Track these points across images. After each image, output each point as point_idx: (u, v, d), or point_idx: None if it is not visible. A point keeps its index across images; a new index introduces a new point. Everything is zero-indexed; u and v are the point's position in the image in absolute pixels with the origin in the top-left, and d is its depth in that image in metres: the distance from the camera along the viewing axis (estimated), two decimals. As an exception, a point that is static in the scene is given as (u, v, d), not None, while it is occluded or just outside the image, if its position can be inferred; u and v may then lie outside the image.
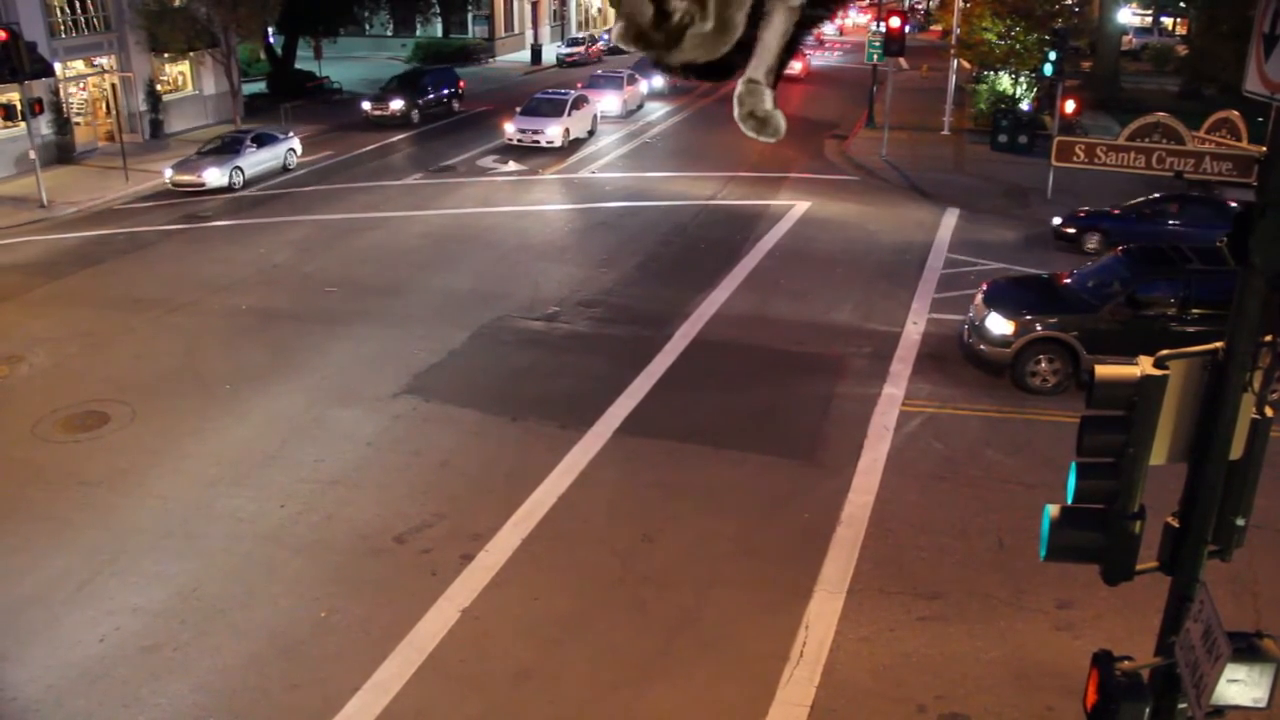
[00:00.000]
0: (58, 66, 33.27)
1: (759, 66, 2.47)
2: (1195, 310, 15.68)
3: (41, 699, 9.68)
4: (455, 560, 11.58)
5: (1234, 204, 22.13)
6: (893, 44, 33.68)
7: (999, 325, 16.17)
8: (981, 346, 16.35)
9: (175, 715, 9.49)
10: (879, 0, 47.59)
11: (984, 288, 17.44)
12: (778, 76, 2.50)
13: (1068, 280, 17.32)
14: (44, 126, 33.35)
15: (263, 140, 31.73)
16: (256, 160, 30.72)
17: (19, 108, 31.20)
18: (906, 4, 75.10)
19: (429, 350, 17.23)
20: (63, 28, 34.57)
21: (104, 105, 36.87)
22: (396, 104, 39.36)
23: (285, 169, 31.78)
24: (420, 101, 40.02)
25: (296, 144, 32.79)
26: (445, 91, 41.92)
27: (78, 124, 35.42)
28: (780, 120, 2.51)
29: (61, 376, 16.90)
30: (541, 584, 11.28)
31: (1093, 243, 22.93)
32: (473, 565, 11.49)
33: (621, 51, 63.72)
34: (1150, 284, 16.13)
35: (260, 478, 13.44)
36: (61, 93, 34.15)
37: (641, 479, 13.39)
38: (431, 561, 11.60)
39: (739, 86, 2.53)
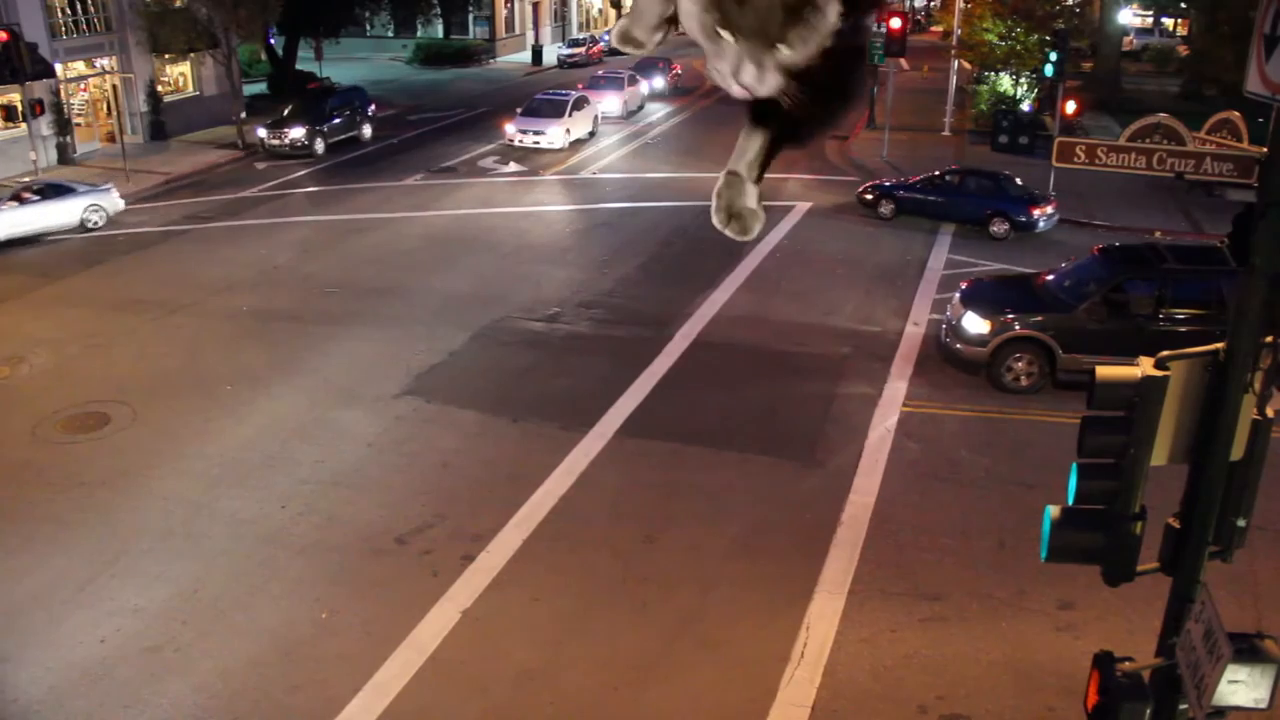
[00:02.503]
0: (58, 67, 33.27)
1: (740, 159, 2.13)
2: (1171, 309, 15.71)
3: (43, 700, 9.69)
4: (456, 561, 11.58)
5: (1017, 180, 25.67)
6: (893, 45, 33.65)
7: (975, 324, 16.23)
8: (958, 346, 16.41)
9: (176, 716, 9.50)
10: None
11: (962, 287, 17.52)
12: (763, 169, 2.14)
13: (1045, 280, 17.36)
14: (45, 127, 33.33)
15: (50, 193, 25.51)
16: (15, 221, 24.17)
17: (20, 109, 31.25)
18: (907, 5, 75.17)
19: (430, 351, 17.23)
20: (64, 29, 34.57)
21: (105, 106, 36.86)
22: (296, 132, 33.95)
23: (84, 228, 25.36)
24: (325, 128, 34.86)
25: (107, 199, 26.24)
26: (346, 117, 36.25)
27: (78, 125, 35.40)
28: (756, 222, 2.17)
29: (63, 377, 16.90)
30: (543, 585, 11.28)
31: (886, 209, 25.79)
32: (474, 566, 11.49)
33: (621, 52, 63.72)
34: (1126, 283, 16.16)
35: (261, 479, 13.44)
36: (62, 94, 34.13)
37: (643, 480, 13.40)
38: (432, 562, 11.60)
39: (719, 179, 2.19)
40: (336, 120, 35.56)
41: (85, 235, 25.23)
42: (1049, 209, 24.88)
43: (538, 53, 61.48)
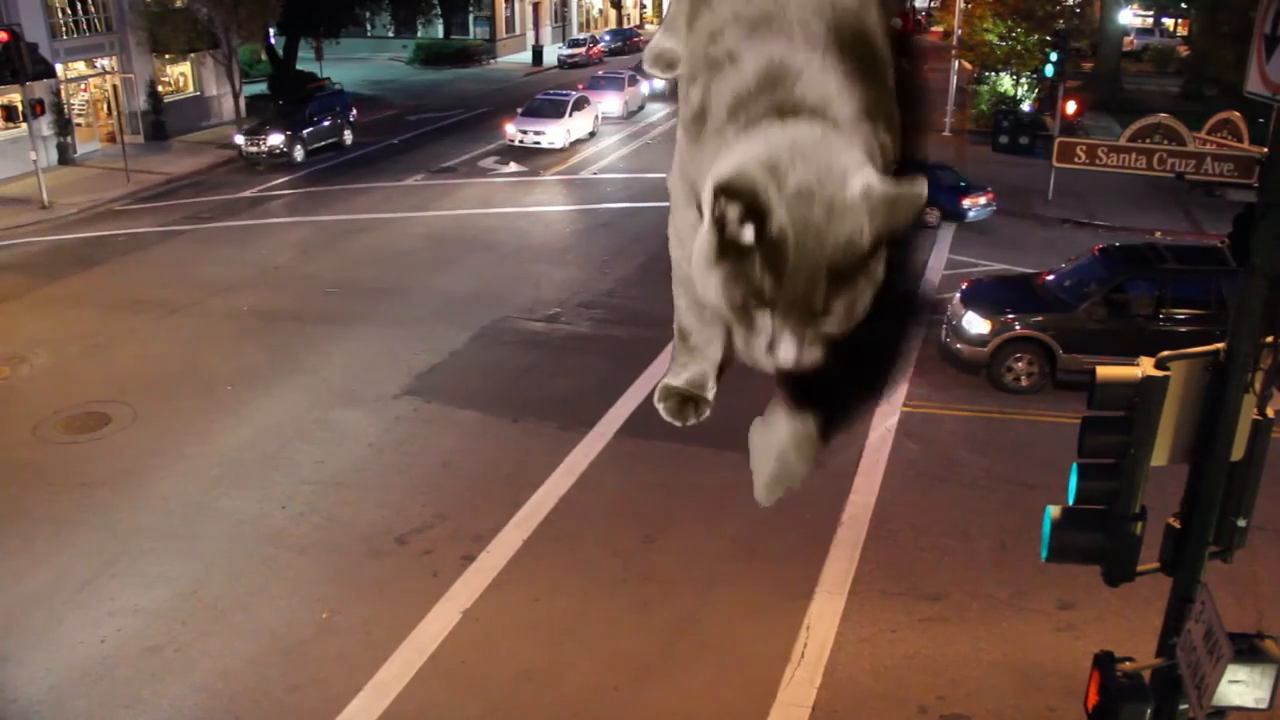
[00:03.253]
0: (59, 68, 33.29)
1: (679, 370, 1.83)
2: (1171, 309, 15.72)
3: (43, 700, 9.69)
4: (456, 561, 11.58)
5: (955, 171, 25.39)
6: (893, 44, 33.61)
7: (976, 324, 16.24)
8: (958, 345, 16.41)
9: (176, 716, 9.51)
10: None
11: (963, 287, 17.53)
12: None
13: (1046, 280, 17.37)
14: (45, 128, 33.33)
15: None
16: None
17: (20, 109, 31.23)
18: (908, 4, 75.06)
19: (430, 351, 17.23)
20: (64, 29, 34.59)
21: (105, 106, 36.88)
22: (274, 139, 32.67)
23: None
24: (305, 134, 33.45)
25: None
26: (329, 123, 35.03)
27: (79, 125, 35.41)
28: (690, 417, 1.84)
29: (63, 377, 16.89)
30: (543, 585, 11.29)
31: None
32: (474, 566, 11.49)
33: (622, 52, 63.91)
34: (1127, 283, 16.18)
35: (262, 479, 13.44)
36: (63, 94, 34.15)
37: (643, 480, 13.40)
38: (433, 563, 11.61)
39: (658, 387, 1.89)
40: (317, 126, 34.26)
41: (85, 236, 25.28)
42: (981, 200, 24.94)
43: (538, 53, 61.53)
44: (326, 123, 34.63)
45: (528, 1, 69.75)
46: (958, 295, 17.18)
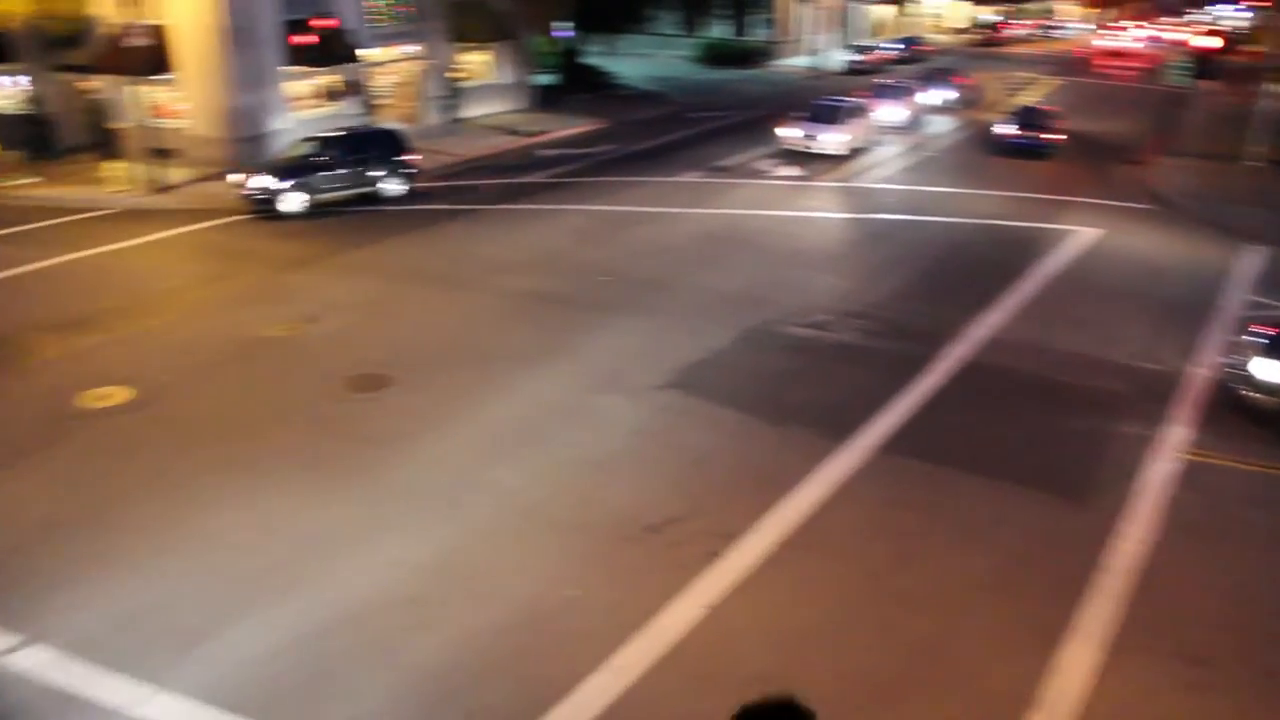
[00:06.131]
0: (370, 53, 35.64)
1: None
2: None
3: (309, 634, 10.37)
4: (704, 556, 11.64)
5: None
6: (1207, 66, 31.55)
7: (1273, 372, 14.99)
8: (1252, 393, 15.19)
9: (424, 666, 9.96)
10: (1177, 17, 44.67)
11: (1259, 330, 16.19)
12: None
13: None
14: (354, 107, 35.78)
15: None
16: None
17: (336, 90, 33.70)
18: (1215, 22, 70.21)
19: (695, 347, 17.42)
20: (377, 18, 36.92)
21: (407, 90, 39.18)
22: (261, 181, 26.87)
23: None
24: (310, 181, 27.20)
25: None
26: (350, 170, 28.03)
27: (382, 106, 37.77)
28: None
29: (350, 339, 18.09)
30: (788, 591, 11.19)
31: None
32: (721, 564, 11.51)
33: (907, 60, 62.69)
34: None
35: (524, 454, 13.93)
36: (371, 77, 36.52)
37: (899, 498, 13.08)
38: (681, 555, 11.71)
39: None
40: (333, 172, 27.81)
41: (380, 210, 26.94)
42: None
43: (820, 57, 61.13)
44: (349, 170, 28.13)
45: (812, 5, 69.37)
46: (1254, 338, 15.93)
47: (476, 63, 42.00)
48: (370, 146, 28.49)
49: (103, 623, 10.65)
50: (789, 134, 34.30)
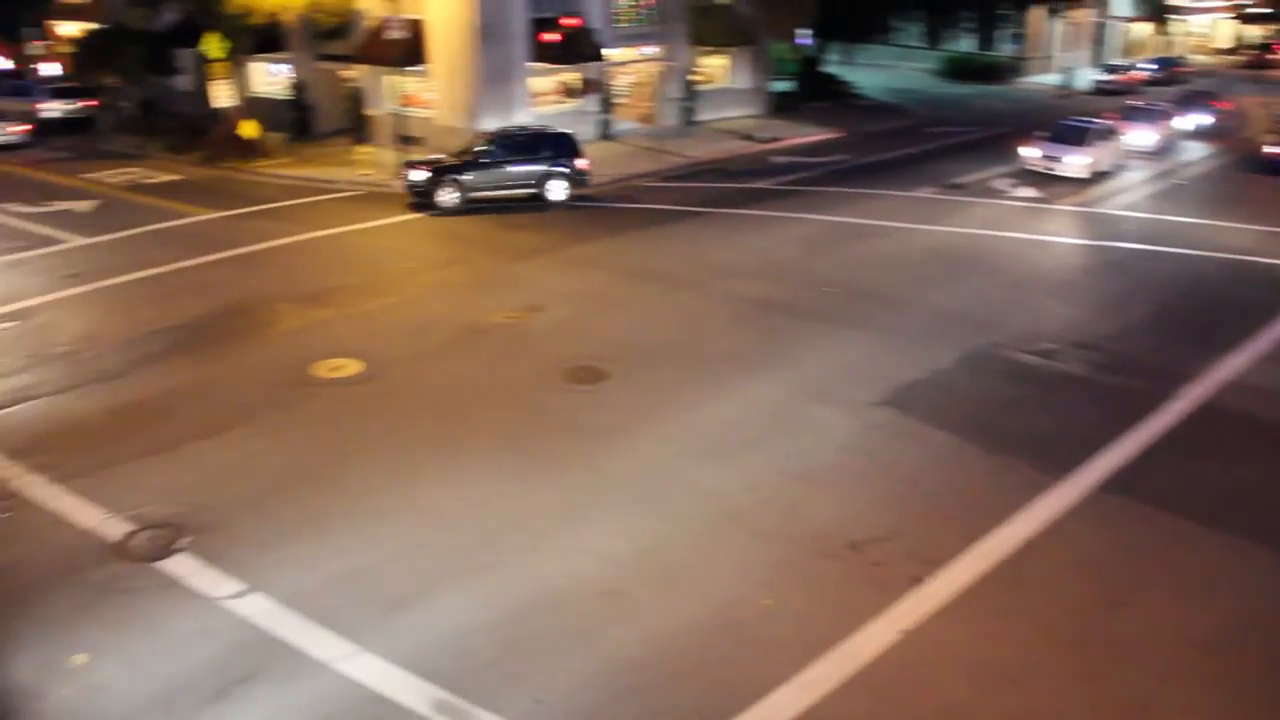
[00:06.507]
0: (612, 52, 36.42)
1: None
2: None
3: (507, 616, 10.70)
4: (905, 579, 11.39)
5: None
6: None
7: None
8: None
9: (614, 657, 10.12)
10: None
11: None
12: None
13: None
14: (592, 105, 36.64)
15: None
16: None
17: (575, 88, 34.62)
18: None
19: (914, 365, 17.04)
20: (620, 19, 37.70)
21: (644, 91, 39.85)
22: (417, 175, 28.09)
23: None
24: (467, 179, 27.94)
25: None
26: (514, 169, 28.46)
27: (620, 106, 38.54)
28: None
29: (571, 331, 18.59)
30: (989, 626, 10.81)
31: None
32: (922, 589, 11.24)
33: (1163, 82, 59.42)
34: None
35: (733, 458, 13.96)
36: (611, 77, 37.32)
37: (1117, 542, 12.41)
38: (881, 576, 11.49)
39: None
40: (492, 171, 28.40)
41: (609, 207, 27.50)
42: None
43: (1069, 75, 58.76)
44: (513, 169, 28.58)
45: (1064, 21, 66.68)
46: None
47: (715, 67, 42.31)
48: (541, 149, 28.73)
49: (316, 579, 11.32)
50: (1030, 154, 33.14)
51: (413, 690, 9.65)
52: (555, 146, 28.78)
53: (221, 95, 36.40)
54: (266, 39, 36.67)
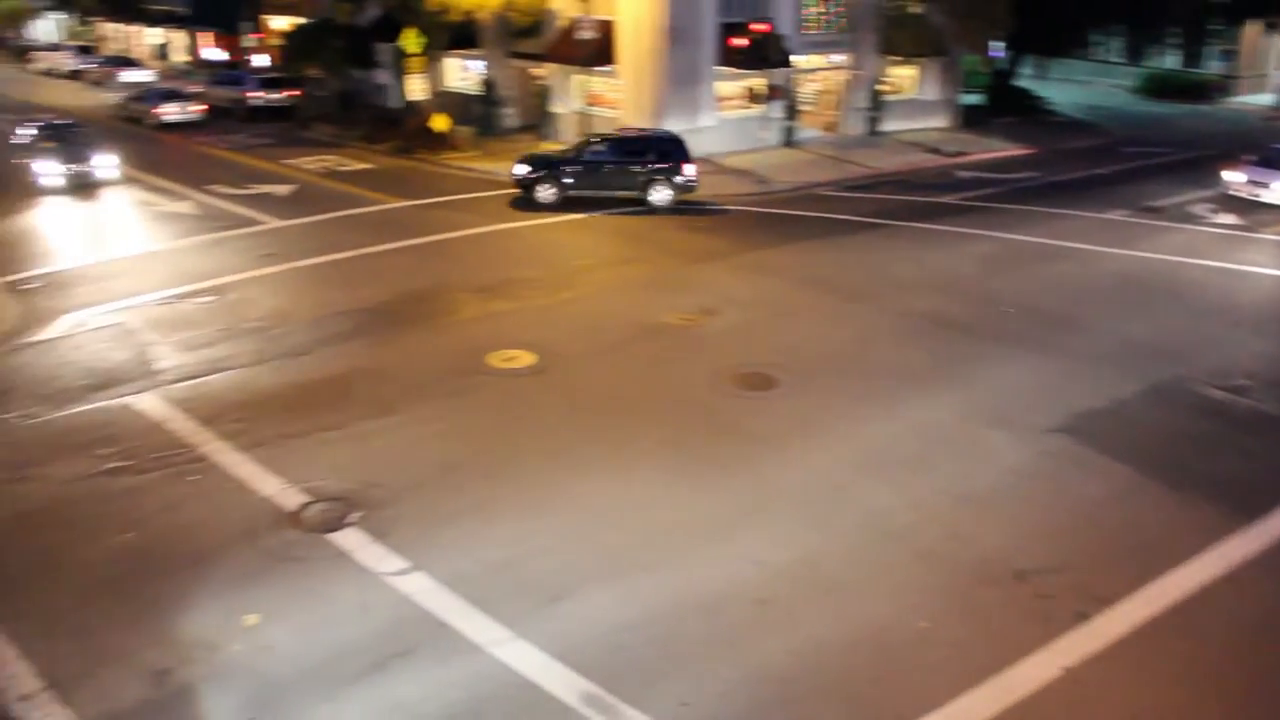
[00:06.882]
0: (799, 59, 36.20)
1: None
2: None
3: (660, 612, 10.80)
4: (1070, 615, 10.95)
5: None
6: None
7: None
8: None
9: (764, 667, 10.08)
10: None
11: None
12: None
13: None
14: (776, 111, 36.48)
15: None
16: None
17: (759, 93, 34.53)
18: None
19: (1093, 393, 16.37)
20: (810, 25, 37.41)
21: (829, 99, 39.47)
22: (520, 169, 29.14)
23: None
24: (562, 174, 28.58)
25: None
26: (635, 174, 28.63)
27: (804, 113, 38.26)
28: None
29: (743, 336, 18.58)
30: (1157, 672, 10.30)
31: None
32: (1088, 626, 10.79)
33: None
34: None
35: (899, 476, 13.70)
36: (797, 83, 37.09)
37: (1306, 595, 11.69)
38: (1046, 609, 11.09)
39: None
40: (590, 170, 28.82)
41: (788, 214, 27.32)
42: None
43: (1286, 96, 55.55)
44: (611, 170, 28.83)
45: (1283, 38, 62.94)
46: None
47: (903, 77, 41.60)
48: (647, 152, 28.73)
49: (477, 564, 11.63)
50: (1234, 178, 31.45)
51: (563, 681, 9.81)
52: (663, 151, 28.83)
53: (416, 89, 37.70)
54: (461, 36, 37.82)
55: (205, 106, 44.12)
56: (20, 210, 27.31)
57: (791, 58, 35.44)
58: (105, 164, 30.22)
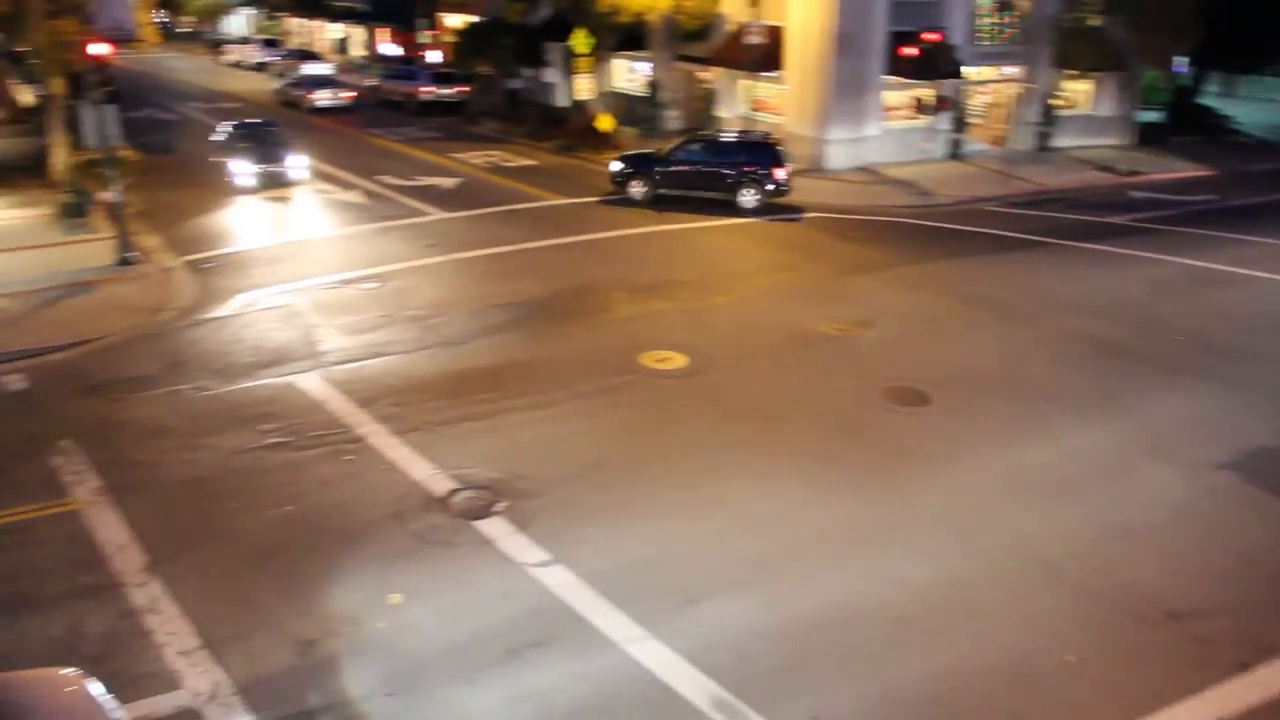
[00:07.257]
0: (970, 70, 35.38)
1: None
2: None
3: (796, 622, 10.69)
4: (1229, 662, 10.43)
5: None
6: None
7: None
8: None
9: (899, 687, 9.91)
10: None
11: None
12: None
13: None
14: (943, 123, 35.75)
15: None
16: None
17: (927, 104, 33.87)
18: None
19: (1268, 430, 15.55)
20: (982, 36, 36.53)
21: (999, 112, 38.47)
22: (615, 166, 30.13)
23: None
24: (658, 174, 29.25)
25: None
26: (727, 177, 28.73)
27: (972, 125, 37.40)
28: None
29: (897, 350, 18.28)
30: (1326, 729, 9.77)
31: None
32: (1249, 675, 10.25)
33: None
34: None
35: (1052, 503, 13.28)
36: (966, 95, 36.27)
37: None
38: (1202, 653, 10.59)
39: None
40: (680, 171, 29.23)
41: (950, 228, 26.75)
42: None
43: None
44: (707, 173, 29.16)
45: None
46: None
47: (1078, 91, 40.23)
48: (740, 155, 28.68)
49: (617, 561, 11.74)
50: None
51: (694, 683, 9.82)
52: (756, 155, 28.73)
53: (583, 88, 38.22)
54: (629, 37, 38.21)
55: (354, 93, 47.56)
56: (212, 208, 28.49)
57: (962, 69, 34.66)
58: (297, 164, 30.88)
